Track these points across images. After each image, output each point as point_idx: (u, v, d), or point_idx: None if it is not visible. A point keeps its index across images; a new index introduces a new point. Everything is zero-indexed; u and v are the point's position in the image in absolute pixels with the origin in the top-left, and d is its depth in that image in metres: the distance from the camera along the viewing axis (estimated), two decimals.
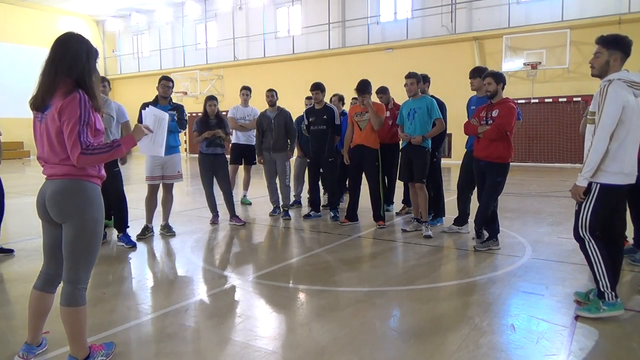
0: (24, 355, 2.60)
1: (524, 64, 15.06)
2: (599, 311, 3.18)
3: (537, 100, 15.26)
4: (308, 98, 7.57)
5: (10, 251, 4.99)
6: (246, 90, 7.96)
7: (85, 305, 2.49)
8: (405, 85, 5.76)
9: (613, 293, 3.17)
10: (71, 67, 2.37)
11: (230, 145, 7.75)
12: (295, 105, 8.42)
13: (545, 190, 9.72)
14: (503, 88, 4.86)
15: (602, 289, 3.20)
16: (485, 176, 4.90)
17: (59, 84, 2.36)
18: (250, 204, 8.16)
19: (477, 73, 5.45)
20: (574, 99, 14.72)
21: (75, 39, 2.44)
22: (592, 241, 3.21)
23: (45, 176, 2.48)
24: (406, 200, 7.02)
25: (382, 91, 6.86)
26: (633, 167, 3.19)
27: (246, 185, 8.29)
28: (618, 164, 3.12)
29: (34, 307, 2.58)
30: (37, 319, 2.60)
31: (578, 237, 3.30)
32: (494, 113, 4.80)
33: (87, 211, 2.42)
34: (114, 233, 5.36)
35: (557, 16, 14.89)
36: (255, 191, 8.84)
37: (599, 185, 3.17)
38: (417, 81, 5.71)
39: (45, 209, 2.45)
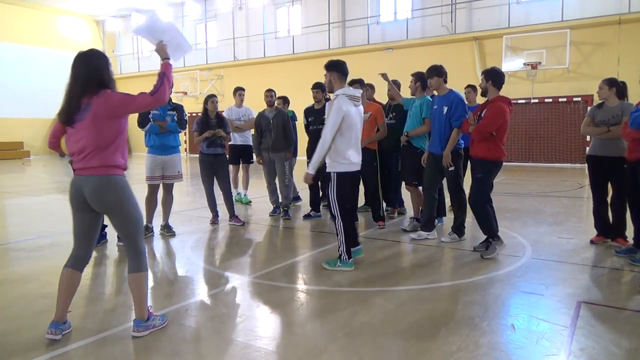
0: (53, 331, 2.85)
1: (524, 64, 15.03)
2: (335, 266, 4.30)
3: (537, 100, 15.24)
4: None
5: None
6: (241, 91, 7.97)
7: (148, 271, 2.99)
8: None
9: (347, 255, 4.31)
10: (109, 80, 2.86)
11: (228, 146, 7.75)
12: (295, 106, 8.40)
13: (545, 190, 9.71)
14: (498, 87, 4.76)
15: (339, 252, 4.33)
16: None
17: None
18: (250, 203, 8.17)
19: (434, 72, 5.26)
20: (574, 99, 14.70)
21: (99, 55, 2.89)
22: (340, 218, 4.27)
23: (77, 170, 2.81)
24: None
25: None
26: (357, 158, 4.32)
27: (245, 184, 8.30)
28: (346, 156, 4.19)
29: (64, 285, 2.91)
30: (65, 296, 2.92)
31: (331, 213, 4.34)
32: (485, 112, 4.75)
33: (126, 201, 2.87)
34: (114, 233, 5.34)
35: (557, 16, 14.87)
36: (255, 191, 8.83)
37: (335, 174, 4.23)
38: (417, 80, 5.73)
39: (83, 201, 2.81)
